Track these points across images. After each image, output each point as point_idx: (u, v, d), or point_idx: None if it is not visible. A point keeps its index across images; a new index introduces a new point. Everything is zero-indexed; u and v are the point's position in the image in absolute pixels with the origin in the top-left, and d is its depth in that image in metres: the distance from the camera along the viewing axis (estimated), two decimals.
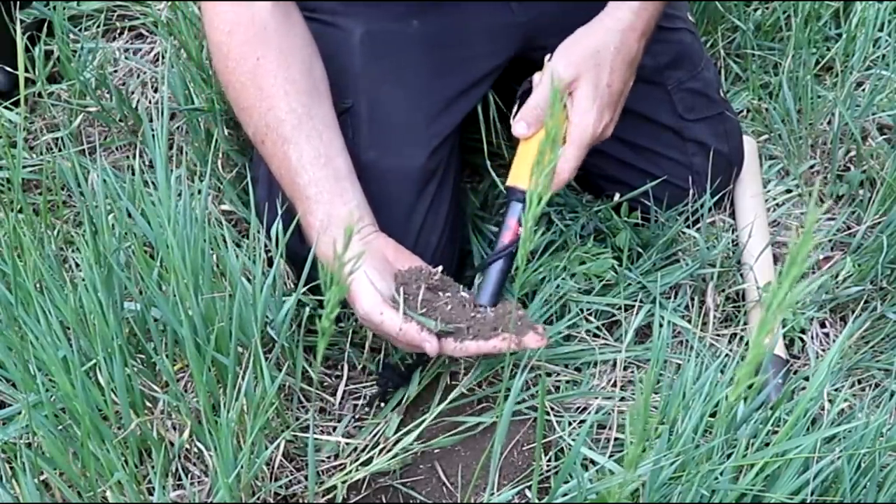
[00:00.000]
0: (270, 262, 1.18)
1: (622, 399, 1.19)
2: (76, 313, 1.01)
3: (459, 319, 1.05)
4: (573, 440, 1.14)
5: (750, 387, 1.10)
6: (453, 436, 1.13)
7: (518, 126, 1.12)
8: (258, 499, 1.04)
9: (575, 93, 1.11)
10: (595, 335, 1.25)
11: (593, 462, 1.11)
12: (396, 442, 1.11)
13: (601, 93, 1.11)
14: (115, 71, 1.52)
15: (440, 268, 1.09)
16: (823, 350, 1.29)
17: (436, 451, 1.13)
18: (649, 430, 0.69)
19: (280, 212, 1.10)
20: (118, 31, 1.59)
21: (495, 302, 1.09)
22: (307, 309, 1.13)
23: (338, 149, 1.11)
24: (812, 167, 1.49)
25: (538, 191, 0.74)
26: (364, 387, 1.19)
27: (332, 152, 1.10)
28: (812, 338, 1.29)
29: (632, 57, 1.14)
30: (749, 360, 0.67)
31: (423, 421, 1.11)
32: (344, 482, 1.07)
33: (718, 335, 1.29)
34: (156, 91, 1.49)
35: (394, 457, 1.09)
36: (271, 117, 1.10)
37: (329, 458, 1.11)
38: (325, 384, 1.19)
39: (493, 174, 1.30)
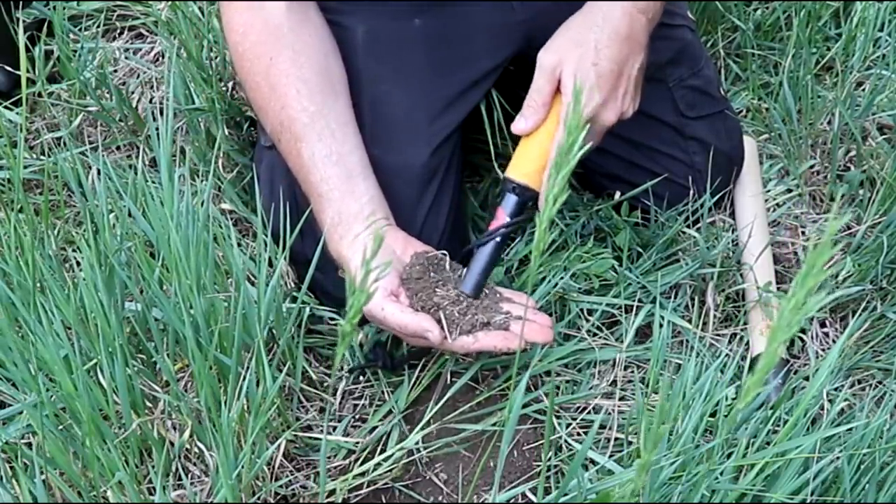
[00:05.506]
0: (270, 262, 1.18)
1: (622, 399, 1.19)
2: (77, 313, 1.01)
3: (459, 318, 1.05)
4: (573, 440, 1.14)
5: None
6: (456, 444, 1.13)
7: (516, 122, 1.14)
8: (259, 499, 1.04)
9: (561, 77, 1.12)
10: (595, 335, 1.25)
11: (593, 462, 1.11)
12: (398, 442, 1.11)
13: (585, 73, 1.10)
14: (115, 71, 1.52)
15: (444, 254, 1.10)
16: (823, 350, 1.29)
17: (437, 451, 1.13)
18: (656, 433, 0.69)
19: (281, 212, 1.10)
20: (118, 31, 1.59)
21: (478, 291, 1.09)
22: (308, 308, 1.13)
23: (352, 146, 1.12)
24: (812, 167, 1.49)
25: (553, 192, 0.74)
26: (364, 387, 1.19)
27: (344, 150, 1.11)
28: (812, 338, 1.29)
29: (621, 33, 1.12)
30: (759, 368, 0.67)
31: (424, 423, 1.11)
32: (344, 483, 1.07)
33: (718, 335, 1.29)
34: (155, 90, 1.49)
35: (396, 461, 1.09)
36: (284, 116, 1.11)
37: (329, 458, 1.11)
38: (325, 384, 1.19)
39: (500, 172, 1.30)
